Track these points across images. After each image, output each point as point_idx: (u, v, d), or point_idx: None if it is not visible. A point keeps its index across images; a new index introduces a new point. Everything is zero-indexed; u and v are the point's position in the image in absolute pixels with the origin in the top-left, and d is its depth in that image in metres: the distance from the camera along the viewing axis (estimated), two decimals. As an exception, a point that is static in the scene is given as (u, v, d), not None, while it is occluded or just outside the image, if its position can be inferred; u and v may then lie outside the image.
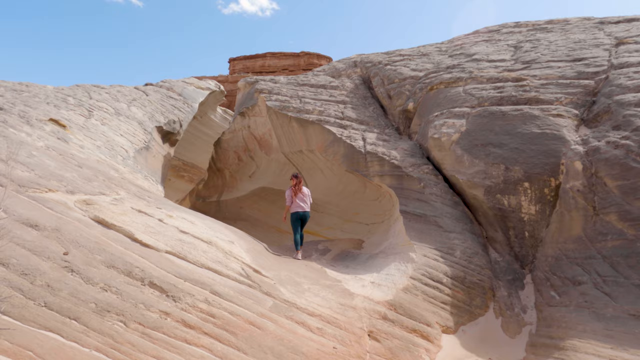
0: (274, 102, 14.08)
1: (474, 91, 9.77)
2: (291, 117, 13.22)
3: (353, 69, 16.07)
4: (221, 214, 18.18)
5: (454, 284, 6.87)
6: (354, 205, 13.22)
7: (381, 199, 11.95)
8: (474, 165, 8.38)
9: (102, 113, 12.76)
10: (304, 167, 14.47)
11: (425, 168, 9.38)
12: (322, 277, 7.23)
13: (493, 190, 7.98)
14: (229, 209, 17.80)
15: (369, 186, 12.35)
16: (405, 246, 7.92)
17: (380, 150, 10.23)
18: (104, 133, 11.78)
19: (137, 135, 13.33)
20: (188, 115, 17.61)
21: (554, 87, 8.77)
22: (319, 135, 12.42)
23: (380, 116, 12.93)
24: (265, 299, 5.69)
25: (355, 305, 6.09)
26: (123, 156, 11.39)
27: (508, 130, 8.29)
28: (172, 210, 7.70)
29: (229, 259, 6.33)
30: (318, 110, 13.03)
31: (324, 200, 14.31)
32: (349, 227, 13.37)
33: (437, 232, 7.88)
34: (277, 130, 14.54)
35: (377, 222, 12.24)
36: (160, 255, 5.81)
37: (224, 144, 17.76)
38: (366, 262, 8.81)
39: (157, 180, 13.53)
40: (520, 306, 6.81)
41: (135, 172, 11.23)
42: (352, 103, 13.66)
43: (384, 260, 8.12)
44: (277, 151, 15.21)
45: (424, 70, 12.68)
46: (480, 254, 7.54)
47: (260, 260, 7.15)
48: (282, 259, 8.39)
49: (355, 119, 12.53)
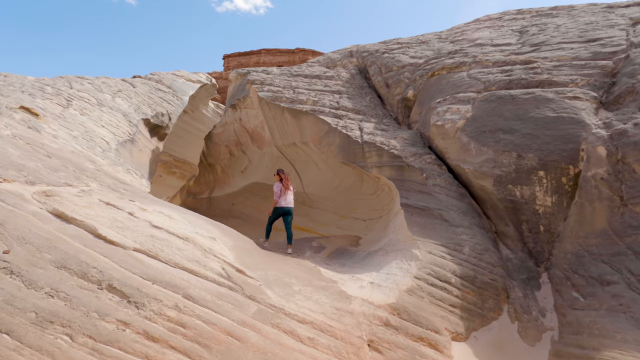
0: (266, 93, 13.20)
1: (479, 75, 8.92)
2: (284, 108, 12.34)
3: (349, 59, 15.20)
4: (212, 211, 17.27)
5: (463, 284, 6.01)
6: (350, 200, 12.36)
7: (379, 192, 11.09)
8: (481, 154, 7.53)
9: (83, 103, 11.82)
10: (298, 160, 13.59)
11: (427, 158, 8.52)
12: (316, 278, 6.36)
13: (504, 180, 7.13)
14: (221, 205, 16.90)
15: (366, 179, 11.49)
16: (407, 242, 7.06)
17: (378, 140, 9.36)
18: (83, 123, 10.85)
19: (121, 127, 12.41)
20: (177, 108, 16.68)
21: (567, 68, 7.93)
22: (313, 126, 11.54)
23: (378, 106, 12.07)
24: (248, 303, 4.80)
25: (352, 309, 5.22)
26: (103, 148, 10.47)
27: (519, 115, 7.44)
28: (149, 203, 6.81)
29: (208, 257, 5.44)
30: (312, 101, 12.15)
31: (318, 195, 13.43)
32: (345, 223, 12.50)
33: (443, 226, 7.02)
34: (269, 122, 13.65)
35: (374, 217, 11.39)
36: (127, 253, 4.92)
37: (215, 138, 16.84)
38: (364, 260, 7.96)
39: (142, 174, 12.62)
40: (537, 309, 5.96)
41: (116, 164, 10.32)
42: (347, 93, 12.78)
43: (384, 258, 7.26)
44: (269, 144, 14.31)
45: (423, 57, 11.82)
46: (491, 250, 6.69)
47: (246, 258, 6.26)
48: (273, 257, 7.52)
49: (352, 109, 11.65)
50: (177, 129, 20.12)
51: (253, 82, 14.16)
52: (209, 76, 19.30)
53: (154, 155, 15.57)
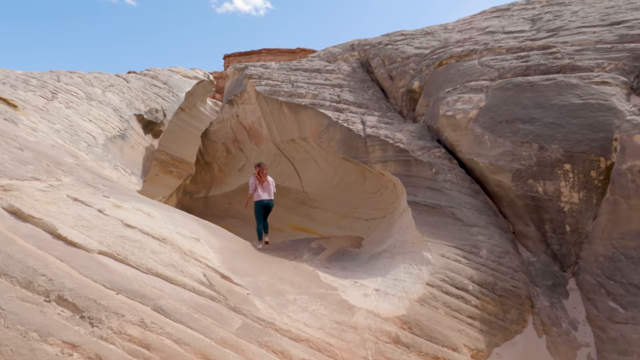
0: (264, 87, 12.40)
1: (492, 62, 8.09)
2: (282, 102, 11.53)
3: (350, 52, 14.39)
4: (209, 211, 16.45)
5: (482, 293, 5.17)
6: (352, 199, 11.54)
7: (383, 190, 10.27)
8: (497, 146, 6.70)
9: (70, 96, 11.03)
10: (297, 157, 12.77)
11: (436, 151, 7.69)
12: (314, 284, 5.53)
13: (523, 174, 6.30)
14: (218, 205, 16.09)
15: (368, 177, 10.66)
16: (416, 244, 6.23)
17: (382, 133, 8.54)
18: (68, 117, 10.04)
19: (111, 122, 11.60)
20: (173, 104, 15.88)
21: (591, 52, 7.11)
22: (313, 120, 10.72)
23: (381, 99, 11.24)
24: (232, 317, 3.98)
25: (356, 323, 4.39)
26: (89, 143, 9.67)
27: (540, 103, 6.61)
28: (127, 200, 5.99)
29: (188, 261, 4.62)
30: (312, 94, 11.34)
31: (318, 194, 12.62)
32: (347, 223, 11.68)
33: (456, 226, 6.19)
34: (267, 118, 12.84)
35: (377, 217, 10.56)
36: (90, 257, 4.11)
37: (212, 135, 16.04)
38: (367, 263, 7.13)
39: (134, 172, 11.82)
40: (568, 320, 5.12)
41: (102, 160, 9.51)
42: (349, 86, 11.96)
43: (390, 261, 6.43)
44: (267, 141, 13.49)
45: (429, 47, 11.01)
46: (511, 253, 5.85)
47: (235, 262, 5.44)
48: (267, 260, 6.71)
49: (353, 102, 10.83)
50: (174, 127, 19.33)
51: (250, 77, 13.37)
52: (206, 73, 18.49)
53: (148, 152, 14.77)
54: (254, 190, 8.16)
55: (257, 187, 8.14)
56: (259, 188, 8.14)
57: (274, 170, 13.94)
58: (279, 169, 13.74)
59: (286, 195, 13.76)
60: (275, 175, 13.92)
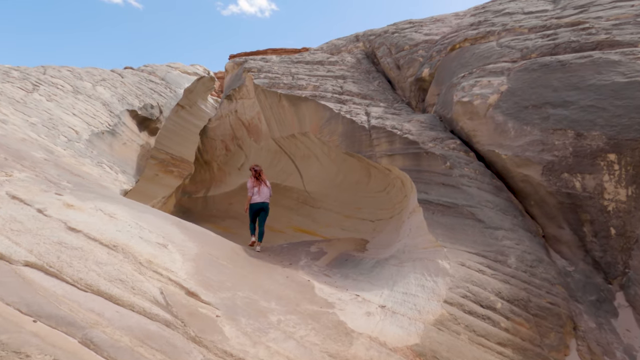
0: (263, 80, 11.39)
1: (513, 43, 7.00)
2: (281, 95, 10.52)
3: (354, 43, 13.33)
4: (208, 211, 15.48)
5: (513, 312, 4.09)
6: (356, 199, 10.48)
7: (389, 189, 9.20)
8: (523, 135, 5.61)
9: (54, 89, 10.10)
10: (298, 154, 11.74)
11: (450, 143, 6.62)
12: (306, 299, 4.48)
13: (556, 167, 5.20)
14: (217, 205, 15.10)
15: (374, 174, 9.60)
16: (429, 249, 5.16)
17: (389, 124, 7.48)
18: (49, 110, 9.11)
19: (99, 117, 10.66)
20: (170, 101, 14.94)
21: (632, 26, 5.99)
22: (313, 113, 9.69)
23: (387, 90, 10.18)
24: (189, 351, 2.94)
25: (355, 355, 3.33)
26: (69, 137, 8.72)
27: (574, 84, 5.52)
28: (90, 199, 5.00)
29: (143, 274, 3.59)
30: (313, 86, 10.31)
31: (320, 193, 11.57)
32: (350, 224, 10.62)
33: (476, 228, 5.11)
34: (266, 113, 11.84)
35: (384, 218, 9.50)
36: (12, 270, 3.12)
37: (211, 132, 15.07)
38: (372, 271, 6.08)
39: (124, 170, 10.86)
40: (622, 347, 4.02)
41: (83, 156, 8.55)
42: (353, 77, 10.91)
43: (398, 269, 5.36)
44: (267, 137, 12.48)
45: (440, 33, 9.93)
46: (545, 261, 4.75)
47: (212, 272, 4.41)
48: (255, 268, 5.68)
49: (357, 94, 9.78)
50: (174, 125, 18.40)
51: (250, 70, 12.37)
52: (206, 69, 17.53)
53: (144, 150, 13.81)
54: (252, 193, 7.97)
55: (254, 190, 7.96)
56: (255, 191, 7.94)
57: (274, 168, 12.93)
58: (279, 166, 12.73)
59: (287, 195, 12.73)
60: (276, 173, 12.91)
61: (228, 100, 13.85)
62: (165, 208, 17.03)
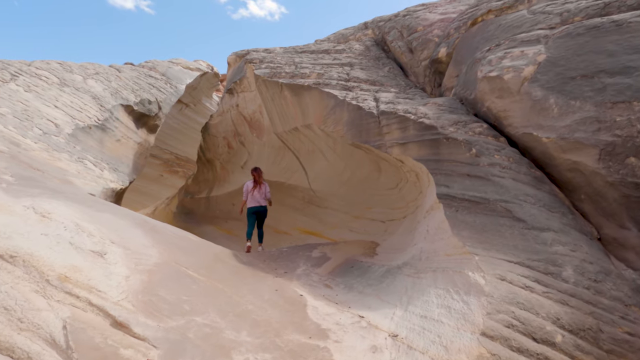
0: (264, 70, 10.28)
1: (549, 8, 5.74)
2: (283, 84, 9.37)
3: (363, 31, 12.13)
4: (211, 212, 14.42)
5: (579, 347, 2.84)
6: (366, 197, 9.26)
7: (402, 185, 7.96)
8: (571, 111, 4.35)
9: (35, 80, 9.13)
10: (302, 150, 10.57)
11: (475, 127, 5.37)
12: (293, 324, 3.30)
13: (619, 150, 3.94)
14: (220, 206, 14.01)
15: (384, 169, 8.37)
16: (454, 257, 3.93)
17: (401, 108, 6.26)
18: (26, 101, 8.11)
19: (87, 111, 9.65)
20: (170, 97, 13.92)
21: None
22: (317, 102, 8.53)
23: (399, 76, 8.96)
24: None
25: None
26: (46, 130, 7.70)
27: (636, 47, 4.23)
28: (31, 196, 3.91)
29: (48, 296, 2.47)
30: (316, 74, 9.15)
31: (326, 192, 10.38)
32: (360, 225, 9.40)
33: (515, 229, 3.86)
34: (267, 105, 10.71)
35: (396, 218, 8.27)
36: None
37: (212, 129, 14.01)
38: (382, 281, 4.87)
39: (116, 167, 9.84)
40: None
41: (60, 151, 7.52)
42: (361, 64, 9.72)
43: (414, 281, 4.15)
44: (269, 132, 11.33)
45: (457, 12, 8.67)
46: (613, 273, 3.48)
47: (168, 289, 3.26)
48: (238, 279, 4.53)
49: (365, 80, 8.59)
50: (179, 124, 17.42)
51: (251, 62, 11.26)
52: (209, 64, 16.49)
53: (142, 148, 12.81)
54: (246, 197, 7.82)
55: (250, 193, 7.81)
56: (251, 194, 7.79)
57: (278, 165, 11.78)
58: (283, 164, 11.58)
59: (292, 194, 11.57)
60: (280, 171, 11.76)
61: (229, 94, 12.77)
62: (168, 209, 16.05)
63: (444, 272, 3.82)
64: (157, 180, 17.81)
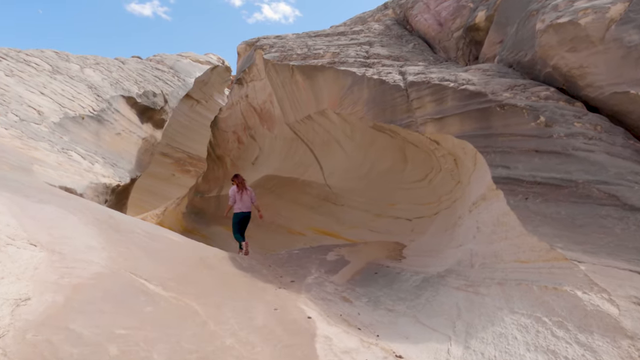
0: (274, 54, 9.07)
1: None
2: (294, 67, 8.13)
3: (383, 12, 10.80)
4: (220, 212, 13.17)
5: None
6: (388, 192, 7.89)
7: (432, 176, 6.59)
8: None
9: (22, 65, 8.10)
10: (316, 141, 9.27)
11: (539, 90, 3.98)
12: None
13: None
14: (230, 205, 12.80)
15: (411, 157, 7.01)
16: (536, 264, 2.55)
17: (435, 77, 4.91)
18: (6, 86, 7.06)
19: (79, 100, 8.57)
20: (178, 90, 12.82)
21: None
22: (332, 83, 7.23)
23: (426, 51, 7.60)
24: None
25: None
26: (24, 117, 6.64)
27: None
28: None
29: None
30: (331, 53, 7.86)
31: (344, 187, 9.05)
32: (381, 224, 8.04)
33: (630, 222, 2.46)
34: (278, 93, 9.48)
35: (425, 215, 6.90)
36: None
37: (222, 123, 12.87)
38: (419, 296, 3.55)
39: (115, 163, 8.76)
40: None
41: (38, 139, 6.43)
42: (381, 42, 8.38)
43: (470, 298, 2.80)
44: (280, 123, 10.09)
45: (493, -25, 7.24)
46: None
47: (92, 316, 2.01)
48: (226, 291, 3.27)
49: (387, 56, 7.25)
50: (190, 122, 16.36)
51: (261, 47, 10.07)
52: (220, 58, 15.37)
53: (147, 144, 11.72)
54: (233, 201, 7.52)
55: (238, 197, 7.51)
56: (239, 198, 7.48)
57: (290, 160, 10.52)
58: (296, 158, 10.31)
59: (306, 191, 10.27)
60: (293, 166, 10.49)
61: (238, 85, 11.60)
62: (178, 210, 14.97)
63: (521, 288, 2.47)
64: (169, 179, 16.77)
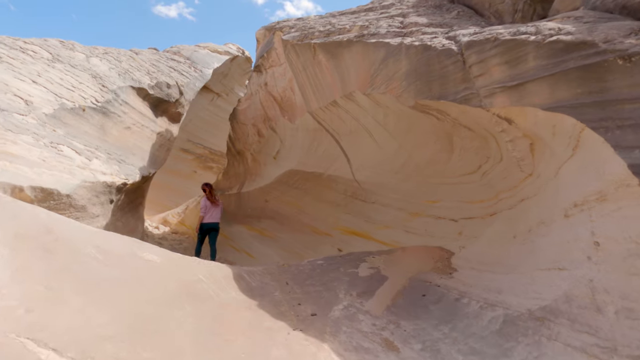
0: (293, 34, 7.86)
1: None
2: (316, 46, 6.87)
3: (415, -16, 9.30)
4: (243, 211, 12.12)
5: None
6: (428, 187, 6.49)
7: (488, 167, 5.16)
8: None
9: (15, 52, 7.18)
10: (343, 131, 7.96)
11: (685, 32, 2.53)
12: None
13: None
14: (252, 203, 11.68)
15: (459, 145, 5.59)
16: None
17: (503, 32, 3.50)
18: (-10, 73, 6.10)
19: (81, 90, 7.59)
20: (194, 81, 11.77)
21: None
22: (361, 60, 5.91)
23: (473, 17, 6.14)
24: None
25: None
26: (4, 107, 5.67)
27: None
28: None
29: None
30: (359, 26, 6.51)
31: (375, 182, 7.70)
32: (419, 224, 6.64)
33: None
34: (299, 78, 8.23)
35: (476, 215, 5.49)
36: None
37: (241, 115, 11.76)
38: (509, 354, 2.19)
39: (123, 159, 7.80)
40: None
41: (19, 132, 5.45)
42: (417, 12, 6.98)
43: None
44: (302, 112, 8.82)
45: None
46: None
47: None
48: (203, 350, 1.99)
49: (428, 24, 5.85)
50: (211, 116, 15.37)
51: (281, 30, 8.86)
52: (240, 47, 14.25)
53: (162, 139, 10.73)
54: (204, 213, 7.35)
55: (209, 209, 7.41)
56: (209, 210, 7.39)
57: (314, 153, 9.24)
58: (320, 151, 9.02)
59: (332, 188, 8.96)
60: (317, 160, 9.20)
61: (257, 72, 10.44)
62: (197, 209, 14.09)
63: None
64: (191, 177, 15.86)
